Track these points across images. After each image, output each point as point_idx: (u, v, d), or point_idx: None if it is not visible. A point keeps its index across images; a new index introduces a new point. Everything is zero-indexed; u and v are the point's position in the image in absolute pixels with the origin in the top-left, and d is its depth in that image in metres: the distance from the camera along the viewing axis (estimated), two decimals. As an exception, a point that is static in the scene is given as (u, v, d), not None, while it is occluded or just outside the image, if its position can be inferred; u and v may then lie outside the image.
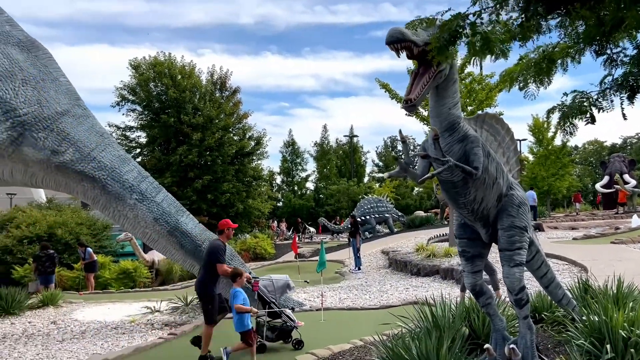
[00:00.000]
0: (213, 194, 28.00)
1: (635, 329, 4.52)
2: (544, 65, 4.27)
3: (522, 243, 4.69)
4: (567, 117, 3.53)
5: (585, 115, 3.54)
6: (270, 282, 8.12)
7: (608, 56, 3.87)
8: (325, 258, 9.11)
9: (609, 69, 3.85)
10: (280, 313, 7.57)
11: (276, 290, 8.13)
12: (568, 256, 11.55)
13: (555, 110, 3.74)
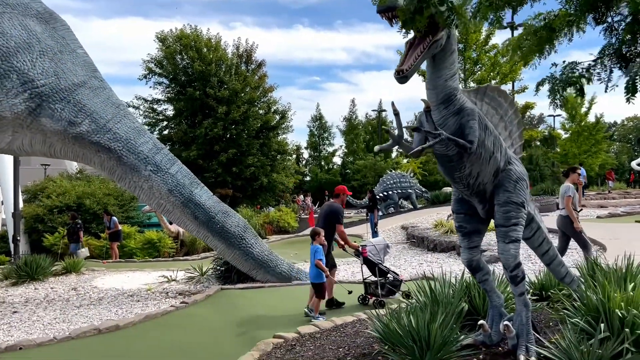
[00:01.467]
0: (238, 167, 28.29)
1: (632, 308, 4.40)
2: (544, 33, 4.10)
3: (519, 219, 4.58)
4: (556, 89, 3.38)
5: (575, 87, 3.38)
6: (373, 246, 8.58)
7: (608, 25, 3.69)
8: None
9: (609, 38, 3.67)
10: (387, 272, 8.16)
11: (379, 252, 8.57)
12: (588, 235, 11.26)
13: (544, 83, 3.59)
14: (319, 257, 7.21)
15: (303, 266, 12.42)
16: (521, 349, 4.55)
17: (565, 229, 8.52)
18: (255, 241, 10.10)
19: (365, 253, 8.14)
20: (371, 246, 8.62)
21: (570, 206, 8.36)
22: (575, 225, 8.39)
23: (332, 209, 8.15)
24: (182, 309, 8.31)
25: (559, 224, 8.59)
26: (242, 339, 6.51)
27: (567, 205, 8.32)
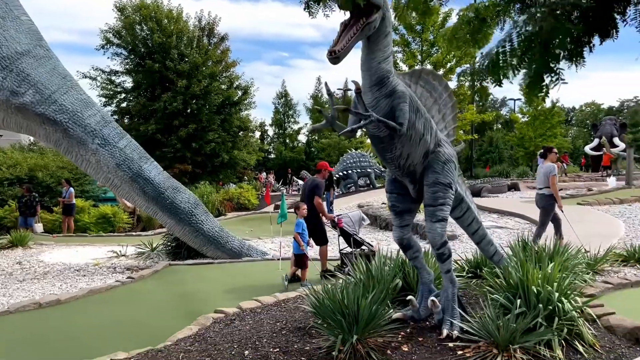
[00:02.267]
0: (198, 143, 27.96)
1: (548, 285, 4.66)
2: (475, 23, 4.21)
3: (446, 199, 4.75)
4: (475, 80, 3.50)
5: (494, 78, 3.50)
6: (348, 218, 8.86)
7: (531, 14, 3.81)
8: (286, 210, 9.20)
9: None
10: (362, 242, 8.50)
11: (354, 223, 8.85)
12: (531, 216, 11.72)
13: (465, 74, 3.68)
14: (297, 230, 7.61)
15: (256, 243, 12.52)
16: (446, 323, 4.77)
17: (545, 206, 8.59)
18: (205, 217, 10.09)
19: (341, 224, 8.41)
20: (347, 218, 8.92)
21: (556, 185, 8.52)
22: (559, 204, 8.59)
23: (314, 183, 8.54)
24: (127, 284, 8.28)
25: (539, 202, 8.70)
26: (184, 314, 6.55)
27: (552, 184, 8.45)
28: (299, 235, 7.64)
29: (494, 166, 36.75)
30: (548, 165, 8.65)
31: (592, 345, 4.46)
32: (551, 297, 4.54)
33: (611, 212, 12.18)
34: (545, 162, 8.81)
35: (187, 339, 5.25)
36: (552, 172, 8.54)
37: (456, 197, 5.30)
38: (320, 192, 8.46)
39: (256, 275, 8.64)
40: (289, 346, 4.78)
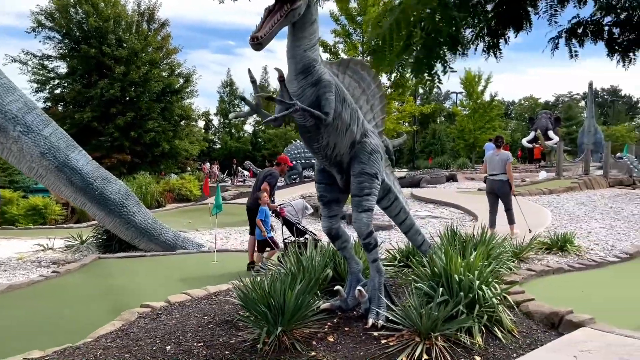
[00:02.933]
0: (137, 131, 27.04)
1: (469, 273, 4.76)
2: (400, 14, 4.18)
3: (372, 189, 4.76)
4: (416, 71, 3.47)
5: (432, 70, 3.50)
6: (291, 207, 8.83)
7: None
8: (221, 201, 9.02)
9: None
10: (305, 230, 8.49)
11: (297, 212, 8.83)
12: (465, 205, 12.06)
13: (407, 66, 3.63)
14: (260, 217, 7.74)
15: (193, 235, 12.25)
16: (372, 313, 4.79)
17: (505, 191, 9.15)
18: (137, 209, 9.76)
19: (284, 213, 8.42)
20: (290, 207, 8.93)
21: (511, 172, 9.29)
22: (513, 189, 9.31)
23: (269, 172, 8.61)
24: (52, 279, 7.88)
25: (496, 188, 9.25)
26: (109, 310, 6.29)
27: (509, 170, 9.14)
28: (261, 222, 7.75)
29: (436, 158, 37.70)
30: (505, 153, 9.27)
31: (511, 331, 4.60)
32: (472, 285, 4.64)
33: (540, 202, 12.71)
34: (498, 150, 9.39)
35: (108, 335, 5.04)
36: (509, 159, 9.21)
37: (383, 187, 5.33)
38: (272, 180, 8.43)
39: (190, 268, 8.44)
40: (214, 340, 4.67)
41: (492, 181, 9.31)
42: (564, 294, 5.86)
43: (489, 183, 9.41)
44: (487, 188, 9.49)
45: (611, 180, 16.82)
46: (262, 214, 7.90)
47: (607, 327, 4.52)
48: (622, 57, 2.82)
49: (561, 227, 9.41)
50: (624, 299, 5.69)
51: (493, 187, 9.28)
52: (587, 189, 15.16)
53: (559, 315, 4.81)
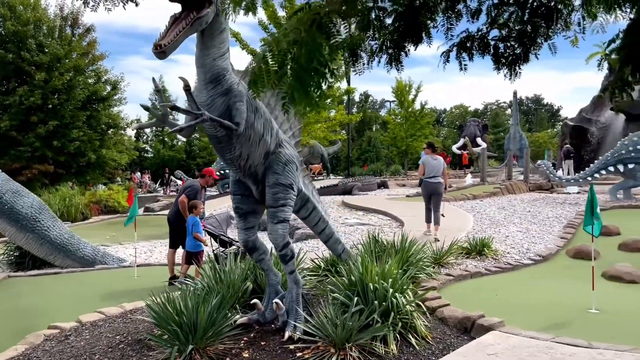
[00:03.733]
0: (60, 141, 25.68)
1: (384, 281, 4.80)
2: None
3: (287, 200, 4.71)
4: (289, 101, 3.44)
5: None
6: (214, 219, 8.74)
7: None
8: (137, 212, 8.67)
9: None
10: (231, 242, 8.28)
11: (221, 223, 8.73)
12: (393, 212, 12.28)
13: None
14: (197, 229, 7.51)
15: (116, 249, 11.74)
16: (289, 325, 4.73)
17: (438, 192, 9.85)
18: (52, 223, 9.22)
19: (203, 225, 8.23)
20: (212, 219, 8.76)
21: (447, 175, 10.42)
22: (446, 190, 10.38)
23: (188, 185, 8.45)
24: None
25: (434, 189, 9.84)
26: (15, 332, 5.85)
27: (445, 173, 10.12)
28: (198, 234, 7.54)
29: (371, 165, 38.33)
30: (441, 159, 10.07)
31: (425, 337, 4.67)
32: (387, 293, 4.68)
33: (464, 207, 13.14)
34: (434, 154, 10.08)
35: (8, 362, 4.70)
36: (444, 164, 10.10)
37: (301, 197, 5.31)
38: (191, 193, 8.12)
39: (108, 285, 8.05)
40: (123, 361, 4.45)
41: (431, 183, 9.84)
42: (479, 298, 6.04)
43: (428, 185, 9.89)
44: (425, 190, 9.96)
45: (531, 185, 17.70)
46: (197, 226, 7.65)
47: (515, 329, 4.69)
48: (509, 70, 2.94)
49: (482, 232, 9.75)
50: (534, 301, 5.93)
51: (432, 188, 9.84)
52: (509, 193, 15.86)
53: (471, 319, 4.94)
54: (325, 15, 2.37)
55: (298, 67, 2.16)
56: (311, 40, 2.22)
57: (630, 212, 11.26)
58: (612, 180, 15.71)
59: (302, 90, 2.23)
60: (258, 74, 2.17)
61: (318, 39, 2.27)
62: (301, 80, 2.18)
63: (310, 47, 2.21)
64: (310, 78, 2.25)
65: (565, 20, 3.48)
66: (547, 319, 5.24)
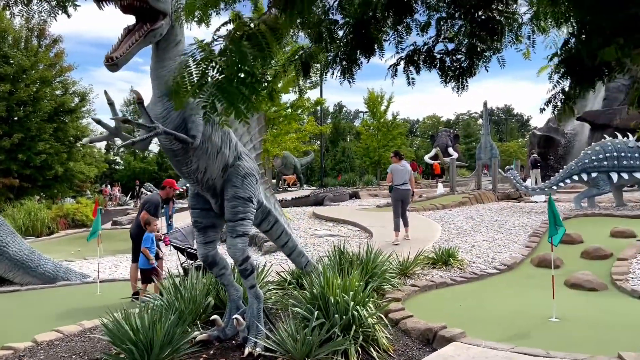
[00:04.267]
0: (26, 153, 25.00)
1: (345, 294, 4.76)
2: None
3: (246, 214, 4.65)
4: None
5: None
6: (179, 232, 8.59)
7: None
8: (100, 226, 8.46)
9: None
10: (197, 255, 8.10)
11: (187, 236, 8.54)
12: (362, 223, 12.29)
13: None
14: (146, 244, 7.35)
15: (80, 264, 11.46)
16: (250, 341, 4.65)
17: (407, 197, 10.46)
18: (11, 239, 8.95)
19: (168, 242, 8.27)
20: (178, 232, 8.68)
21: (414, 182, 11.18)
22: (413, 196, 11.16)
23: (147, 199, 8.27)
24: None
25: (404, 195, 10.40)
26: (-35, 355, 5.64)
27: (412, 180, 10.67)
28: (147, 250, 7.35)
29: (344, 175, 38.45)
30: (408, 166, 10.67)
31: (387, 350, 4.64)
32: (348, 306, 4.64)
33: (433, 217, 13.24)
34: (401, 162, 10.62)
35: (-47, 387, 4.49)
36: (411, 171, 10.69)
37: (262, 210, 5.26)
38: (149, 208, 7.95)
39: (69, 302, 7.82)
40: (77, 383, 4.30)
41: (400, 190, 10.37)
42: (443, 308, 6.06)
43: (398, 192, 10.38)
44: (395, 196, 10.41)
45: (500, 194, 17.97)
46: (147, 241, 7.48)
47: (475, 340, 4.70)
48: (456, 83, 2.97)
49: (449, 242, 9.82)
50: (496, 310, 5.98)
51: (402, 194, 10.37)
52: (478, 203, 16.06)
53: (432, 330, 4.94)
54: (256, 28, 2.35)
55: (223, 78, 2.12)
56: (238, 51, 2.19)
57: (594, 219, 11.49)
58: (579, 189, 16.07)
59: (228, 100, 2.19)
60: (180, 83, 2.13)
61: (246, 50, 2.24)
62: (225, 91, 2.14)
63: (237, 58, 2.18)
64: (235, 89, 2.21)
65: (516, 34, 3.54)
66: (509, 329, 5.28)
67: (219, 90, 2.14)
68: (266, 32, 2.28)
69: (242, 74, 2.27)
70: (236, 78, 2.20)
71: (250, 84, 2.26)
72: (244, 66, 2.21)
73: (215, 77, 2.15)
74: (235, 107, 2.19)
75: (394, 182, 10.44)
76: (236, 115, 2.36)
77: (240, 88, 2.23)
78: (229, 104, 2.19)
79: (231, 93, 2.15)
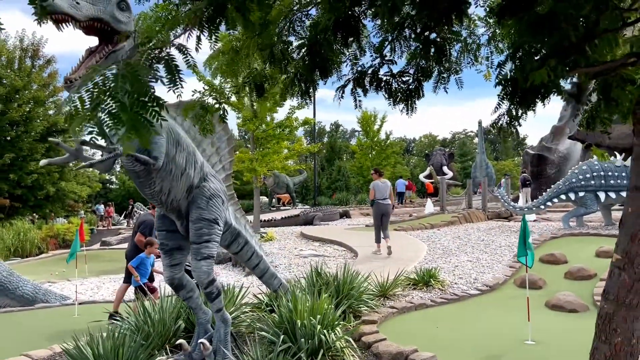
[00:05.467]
0: (17, 173, 25.01)
1: (312, 317, 4.68)
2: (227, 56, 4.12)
3: (211, 236, 4.59)
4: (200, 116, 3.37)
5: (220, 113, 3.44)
6: None
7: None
8: (78, 248, 8.36)
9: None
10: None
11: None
12: (349, 243, 12.21)
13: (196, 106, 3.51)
14: (135, 263, 7.22)
15: (62, 285, 11.31)
16: (216, 366, 4.56)
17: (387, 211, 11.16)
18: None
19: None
20: None
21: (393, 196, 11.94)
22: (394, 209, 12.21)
23: (141, 220, 8.11)
24: None
25: (385, 209, 11.08)
26: None
27: (391, 195, 11.45)
28: (132, 267, 7.27)
29: (339, 194, 38.36)
30: (388, 182, 11.43)
31: (355, 374, 4.55)
32: (314, 329, 4.56)
33: (420, 236, 13.16)
34: (381, 178, 11.48)
35: None
36: (391, 186, 11.48)
37: (231, 231, 5.20)
38: (145, 229, 7.79)
39: (45, 325, 7.68)
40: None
41: (382, 204, 11.05)
42: (419, 331, 5.96)
43: (379, 206, 11.05)
44: (377, 210, 11.07)
45: (489, 214, 17.90)
46: (137, 261, 7.39)
47: (445, 363, 4.61)
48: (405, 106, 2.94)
49: (432, 262, 9.74)
50: (473, 333, 5.89)
51: (383, 209, 11.02)
52: (467, 222, 15.98)
53: (404, 354, 4.85)
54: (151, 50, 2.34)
55: (114, 102, 2.09)
56: (132, 76, 2.17)
57: (580, 239, 11.42)
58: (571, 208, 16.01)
59: (120, 124, 2.15)
60: (76, 109, 2.10)
61: (141, 73, 2.22)
62: (115, 116, 2.10)
63: (130, 83, 2.15)
64: (134, 114, 2.18)
65: (474, 55, 3.54)
66: (483, 351, 5.19)
67: (109, 115, 2.11)
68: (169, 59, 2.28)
69: (146, 97, 2.23)
70: (135, 103, 2.17)
71: (147, 108, 2.23)
72: (139, 91, 2.18)
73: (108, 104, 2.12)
74: (132, 131, 2.15)
75: (375, 197, 11.10)
76: (141, 142, 2.33)
77: (138, 112, 2.19)
78: (121, 127, 2.15)
79: (120, 118, 2.11)
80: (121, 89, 2.07)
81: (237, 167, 16.50)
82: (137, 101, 2.12)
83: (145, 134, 2.16)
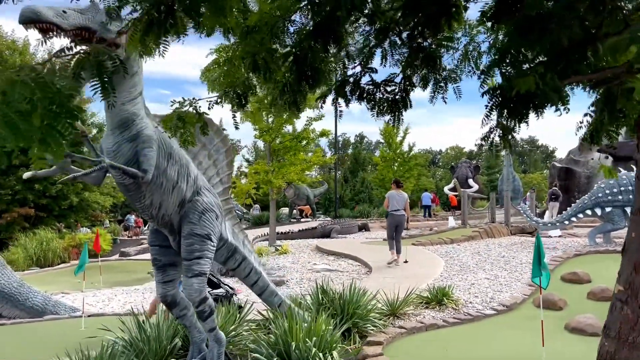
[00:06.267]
0: (42, 184, 25.45)
1: (308, 339, 4.46)
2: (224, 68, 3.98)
3: (203, 252, 4.42)
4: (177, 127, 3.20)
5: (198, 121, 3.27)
6: None
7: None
8: (87, 260, 8.30)
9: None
10: (219, 283, 7.77)
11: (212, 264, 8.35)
12: (364, 257, 11.93)
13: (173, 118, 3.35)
14: None
15: (74, 297, 11.31)
16: (208, 387, 4.37)
17: (402, 223, 11.31)
18: (0, 271, 8.86)
19: None
20: None
21: (408, 208, 11.96)
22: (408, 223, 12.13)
23: None
24: None
25: (399, 221, 11.22)
26: None
27: (407, 207, 11.57)
28: None
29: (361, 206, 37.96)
30: (404, 194, 11.51)
31: (353, 400, 4.30)
32: (310, 352, 4.34)
33: (439, 251, 12.79)
34: (399, 190, 11.48)
35: None
36: (407, 199, 11.59)
37: (227, 247, 5.03)
38: None
39: (51, 337, 7.63)
40: None
41: (396, 216, 11.20)
42: (427, 353, 5.68)
43: (394, 217, 11.21)
44: (392, 221, 11.22)
45: (513, 228, 17.36)
46: None
47: (449, 392, 4.32)
48: (392, 117, 2.73)
49: (448, 279, 9.39)
50: (484, 356, 5.57)
51: (397, 220, 11.18)
52: (488, 237, 15.51)
53: (406, 380, 4.57)
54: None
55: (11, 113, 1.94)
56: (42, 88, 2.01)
57: (605, 257, 10.89)
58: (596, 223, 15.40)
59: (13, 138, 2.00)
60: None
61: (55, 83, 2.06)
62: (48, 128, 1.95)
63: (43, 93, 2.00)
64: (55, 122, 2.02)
65: (475, 63, 3.31)
66: (492, 379, 4.87)
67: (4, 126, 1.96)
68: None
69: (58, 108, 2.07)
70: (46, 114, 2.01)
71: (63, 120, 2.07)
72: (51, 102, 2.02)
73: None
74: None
75: (389, 208, 11.26)
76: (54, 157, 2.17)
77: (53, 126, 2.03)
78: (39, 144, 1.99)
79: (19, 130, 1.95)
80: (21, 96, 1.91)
81: (252, 178, 16.39)
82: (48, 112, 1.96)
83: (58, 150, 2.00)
